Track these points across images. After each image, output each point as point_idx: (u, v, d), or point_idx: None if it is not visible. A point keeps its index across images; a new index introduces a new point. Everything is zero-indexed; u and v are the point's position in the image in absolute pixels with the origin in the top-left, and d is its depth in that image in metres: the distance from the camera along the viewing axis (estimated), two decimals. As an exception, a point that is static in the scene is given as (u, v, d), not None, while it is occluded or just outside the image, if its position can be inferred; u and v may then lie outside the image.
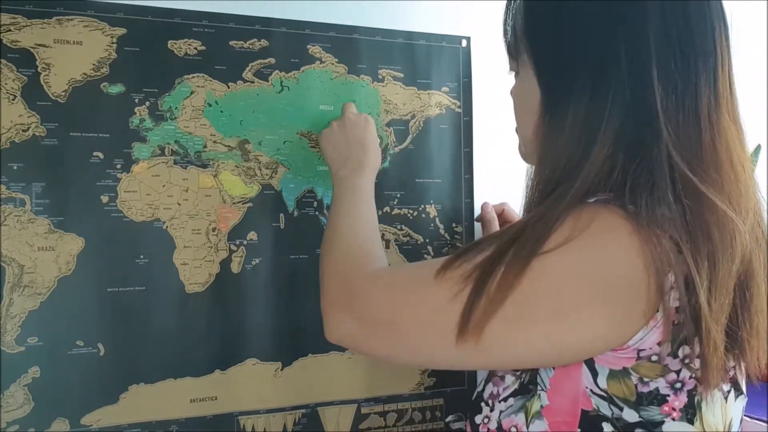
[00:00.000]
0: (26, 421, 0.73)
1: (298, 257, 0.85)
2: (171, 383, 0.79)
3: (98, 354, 0.76)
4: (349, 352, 0.87)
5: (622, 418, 0.51)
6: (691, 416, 0.51)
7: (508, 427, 0.56)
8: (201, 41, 0.81)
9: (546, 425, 0.54)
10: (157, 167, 0.79)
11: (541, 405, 0.54)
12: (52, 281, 0.74)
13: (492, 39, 0.97)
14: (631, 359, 0.50)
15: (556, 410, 0.54)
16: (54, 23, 0.74)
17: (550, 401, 0.54)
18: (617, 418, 0.51)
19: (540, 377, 0.55)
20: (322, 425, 0.85)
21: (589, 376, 0.52)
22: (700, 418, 0.51)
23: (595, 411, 0.52)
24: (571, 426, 0.53)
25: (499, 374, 0.60)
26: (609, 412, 0.51)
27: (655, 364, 0.50)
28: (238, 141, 0.82)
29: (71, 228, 0.75)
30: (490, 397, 0.59)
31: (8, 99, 0.73)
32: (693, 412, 0.51)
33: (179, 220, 0.79)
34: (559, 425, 0.53)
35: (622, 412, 0.51)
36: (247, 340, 0.82)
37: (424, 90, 0.91)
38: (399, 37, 0.90)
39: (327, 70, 0.87)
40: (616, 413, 0.51)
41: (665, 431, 0.51)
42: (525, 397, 0.56)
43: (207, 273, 0.80)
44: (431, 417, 0.91)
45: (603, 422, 0.52)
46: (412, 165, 0.90)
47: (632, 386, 0.50)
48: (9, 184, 0.73)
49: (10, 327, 0.73)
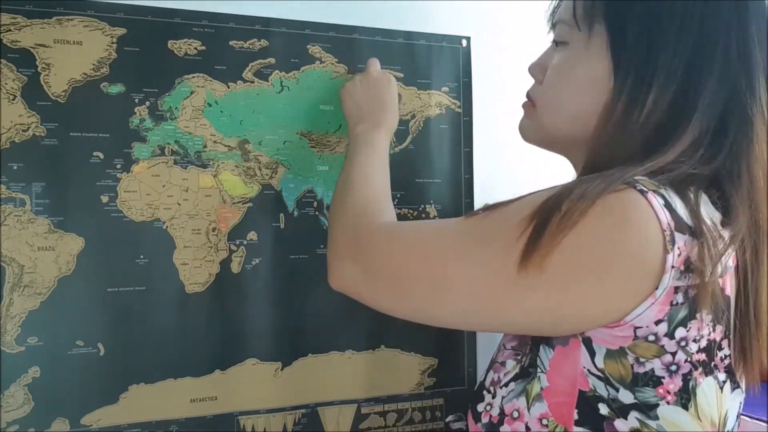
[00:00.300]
0: (26, 421, 0.73)
1: (298, 257, 0.85)
2: (171, 383, 0.79)
3: (98, 354, 0.76)
4: (349, 352, 0.87)
5: (618, 399, 0.52)
6: (686, 401, 0.51)
7: (510, 411, 0.56)
8: (201, 41, 0.81)
9: (546, 407, 0.54)
10: (157, 167, 0.79)
11: (541, 387, 0.55)
12: (52, 281, 0.74)
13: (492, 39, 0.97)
14: (627, 338, 0.50)
15: (555, 391, 0.54)
16: (54, 23, 0.74)
17: (550, 382, 0.54)
18: (613, 399, 0.52)
19: (540, 359, 0.55)
20: (322, 425, 0.86)
21: (587, 355, 0.52)
22: (694, 404, 0.52)
23: (592, 392, 0.52)
24: (569, 407, 0.53)
25: (499, 360, 0.60)
26: (605, 393, 0.52)
27: (652, 344, 0.50)
28: (238, 141, 0.82)
29: (71, 228, 0.75)
30: (491, 384, 0.59)
31: (8, 99, 0.73)
32: (687, 398, 0.51)
33: (179, 220, 0.79)
34: (559, 406, 0.54)
35: (618, 393, 0.51)
36: (247, 340, 0.82)
37: (424, 90, 0.91)
38: (399, 37, 0.90)
39: (327, 70, 0.87)
40: (612, 394, 0.52)
41: (660, 414, 0.51)
42: (525, 380, 0.56)
43: (207, 273, 0.80)
44: (431, 417, 0.91)
45: (599, 403, 0.52)
46: (412, 165, 0.90)
47: (628, 366, 0.51)
48: (9, 184, 0.73)
49: (10, 327, 0.73)
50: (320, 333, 0.86)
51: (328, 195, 0.86)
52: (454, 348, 0.92)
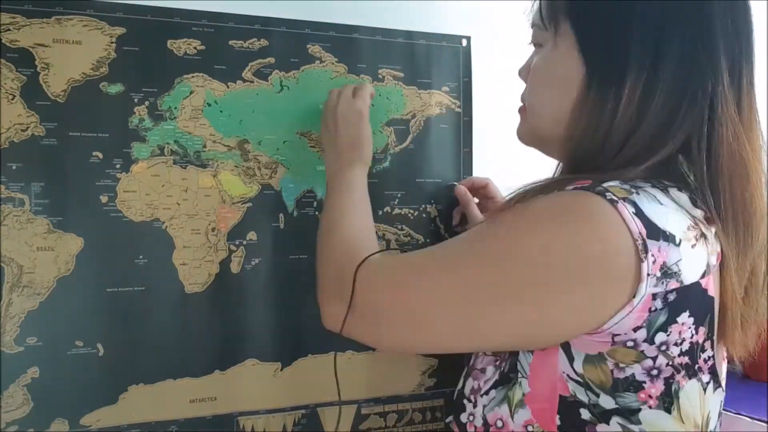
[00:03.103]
0: (25, 421, 0.73)
1: (297, 257, 0.84)
2: (170, 383, 0.78)
3: (97, 354, 0.76)
4: (350, 352, 0.86)
5: (599, 404, 0.51)
6: (668, 405, 0.51)
7: (493, 421, 0.56)
8: (200, 41, 0.80)
9: (529, 413, 0.54)
10: (156, 167, 0.78)
11: (523, 393, 0.55)
12: (51, 281, 0.74)
13: (492, 39, 0.97)
14: (606, 344, 0.50)
15: (537, 397, 0.54)
16: (53, 23, 0.74)
17: (531, 388, 0.54)
18: (594, 404, 0.52)
19: (520, 363, 0.55)
20: (322, 425, 0.85)
21: (565, 360, 0.52)
22: (677, 407, 0.51)
23: (572, 397, 0.52)
24: (552, 413, 0.53)
25: (479, 367, 0.60)
26: (586, 398, 0.52)
27: (631, 350, 0.50)
28: (238, 141, 0.82)
29: (70, 228, 0.75)
30: (471, 392, 0.59)
31: (7, 99, 0.73)
32: (670, 401, 0.51)
33: (178, 220, 0.79)
34: (542, 412, 0.54)
35: (599, 398, 0.51)
36: (246, 341, 0.82)
37: (425, 90, 0.91)
38: (399, 36, 0.90)
39: (327, 70, 0.87)
40: (592, 399, 0.52)
41: (642, 419, 0.51)
42: (506, 386, 0.56)
43: (206, 273, 0.80)
44: (431, 417, 0.91)
45: (581, 408, 0.52)
46: (412, 165, 0.90)
47: (608, 372, 0.51)
48: (8, 184, 0.73)
49: (9, 327, 0.72)
50: (320, 333, 0.85)
51: (328, 195, 0.86)
52: (454, 348, 0.92)
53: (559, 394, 0.53)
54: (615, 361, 0.51)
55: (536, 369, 0.54)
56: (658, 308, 0.49)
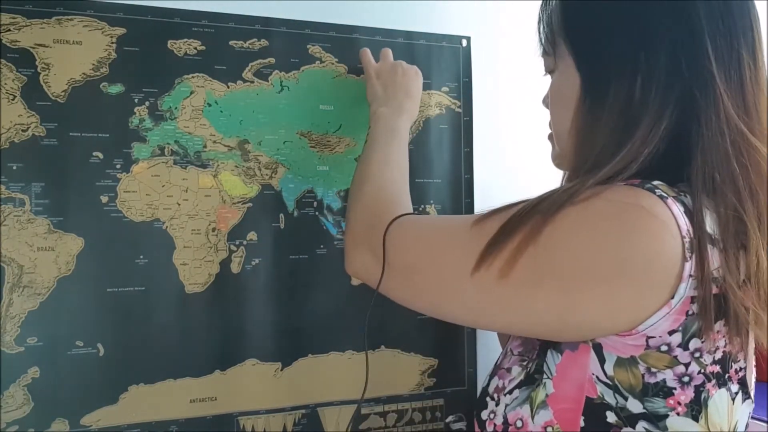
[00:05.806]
0: (26, 421, 0.73)
1: (297, 257, 0.84)
2: (171, 383, 0.79)
3: (98, 354, 0.76)
4: (349, 352, 0.86)
5: (626, 408, 0.51)
6: (697, 413, 0.50)
7: (513, 420, 0.55)
8: (201, 41, 0.80)
9: (551, 414, 0.53)
10: (156, 167, 0.79)
11: (546, 394, 0.54)
12: (51, 281, 0.74)
13: (492, 39, 0.97)
14: (639, 347, 0.50)
15: (561, 397, 0.53)
16: (54, 23, 0.74)
17: (556, 389, 0.54)
18: (621, 407, 0.51)
19: (547, 365, 0.55)
20: (322, 425, 0.85)
21: (596, 362, 0.52)
22: (705, 416, 0.51)
23: (599, 399, 0.52)
24: (575, 414, 0.52)
25: (505, 366, 0.60)
26: (613, 401, 0.51)
27: (664, 355, 0.49)
28: (238, 141, 0.82)
29: (71, 228, 0.75)
30: (495, 390, 0.59)
31: (8, 99, 0.73)
32: (699, 409, 0.50)
33: (179, 220, 0.79)
34: (564, 413, 0.53)
35: (627, 402, 0.51)
36: (246, 341, 0.82)
37: (425, 90, 0.90)
38: (399, 37, 0.90)
39: (327, 70, 0.87)
40: (620, 402, 0.51)
41: (669, 425, 0.50)
42: (530, 387, 0.56)
43: (207, 273, 0.80)
44: (431, 417, 0.91)
45: (607, 411, 0.51)
46: (412, 165, 0.89)
47: (639, 375, 0.50)
48: (8, 184, 0.73)
49: (10, 327, 0.72)
50: (320, 333, 0.85)
51: (328, 195, 0.86)
52: (455, 348, 0.92)
53: (586, 396, 0.52)
54: (647, 365, 0.50)
55: (563, 370, 0.53)
56: (695, 312, 0.48)
